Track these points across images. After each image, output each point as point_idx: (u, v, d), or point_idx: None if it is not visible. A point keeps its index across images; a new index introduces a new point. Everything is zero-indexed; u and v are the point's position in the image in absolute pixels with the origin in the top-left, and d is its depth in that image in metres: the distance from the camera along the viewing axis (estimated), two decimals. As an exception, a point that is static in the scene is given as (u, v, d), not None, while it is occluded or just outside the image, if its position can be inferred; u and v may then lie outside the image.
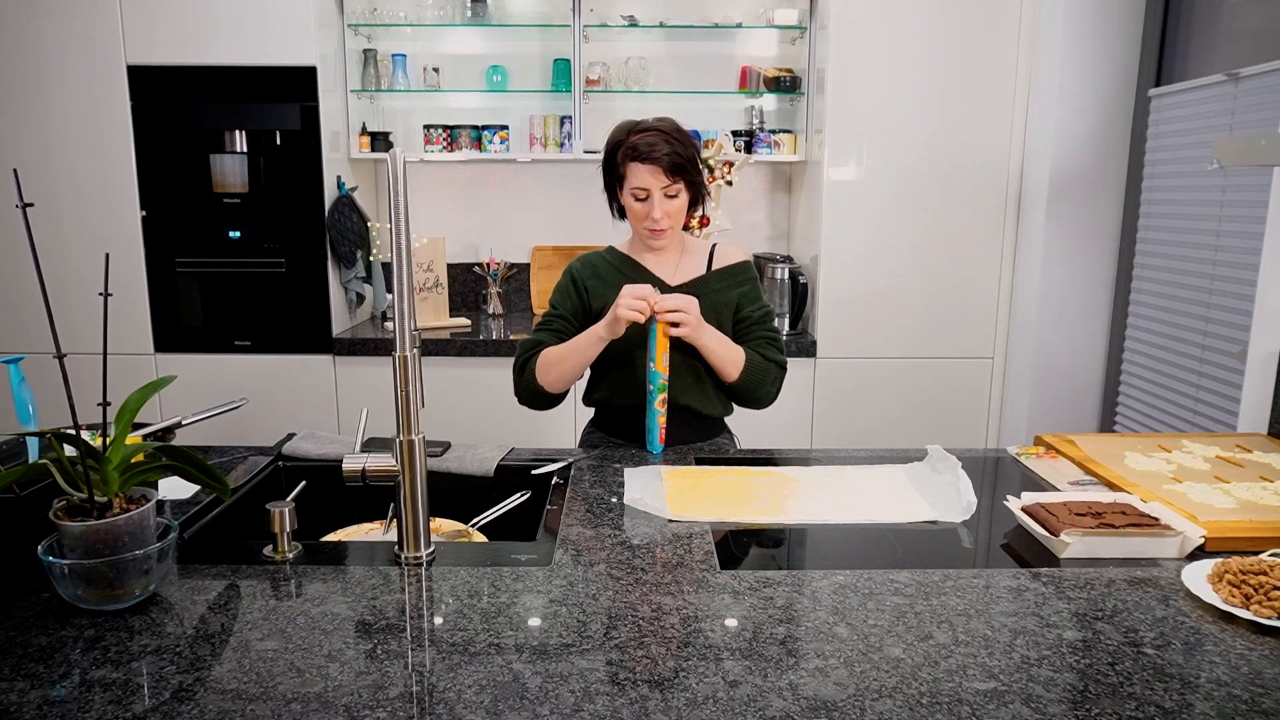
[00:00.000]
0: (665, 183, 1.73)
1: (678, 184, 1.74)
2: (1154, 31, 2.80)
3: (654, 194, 1.74)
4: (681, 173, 1.73)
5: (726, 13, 3.33)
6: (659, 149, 1.70)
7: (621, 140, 1.76)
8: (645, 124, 1.76)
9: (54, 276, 2.98)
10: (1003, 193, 3.03)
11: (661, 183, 1.72)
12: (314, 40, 2.93)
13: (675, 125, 1.77)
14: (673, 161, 1.71)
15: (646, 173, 1.72)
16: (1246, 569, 1.13)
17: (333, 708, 0.89)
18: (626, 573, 1.21)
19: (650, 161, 1.71)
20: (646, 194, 1.74)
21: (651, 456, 1.72)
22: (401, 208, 1.17)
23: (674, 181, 1.73)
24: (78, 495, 1.08)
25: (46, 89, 2.92)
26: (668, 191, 1.74)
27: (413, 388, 1.21)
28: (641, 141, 1.71)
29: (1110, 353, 3.03)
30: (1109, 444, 1.74)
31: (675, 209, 1.77)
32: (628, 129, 1.76)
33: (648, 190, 1.74)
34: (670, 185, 1.73)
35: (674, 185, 1.74)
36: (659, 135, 1.72)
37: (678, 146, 1.72)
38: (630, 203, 1.77)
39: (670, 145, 1.71)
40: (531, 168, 3.56)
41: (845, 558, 1.30)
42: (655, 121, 1.76)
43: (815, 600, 1.14)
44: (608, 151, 1.79)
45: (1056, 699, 0.91)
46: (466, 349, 3.02)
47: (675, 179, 1.73)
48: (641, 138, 1.72)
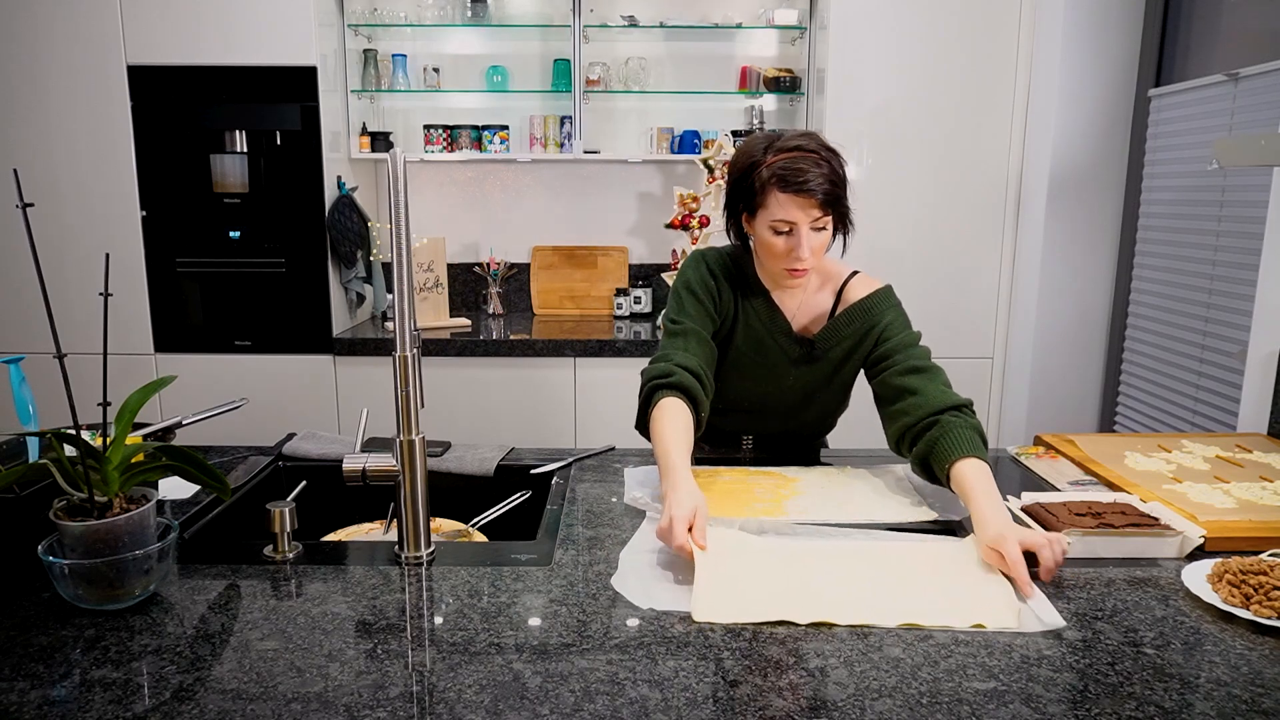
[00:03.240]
0: (816, 216, 1.45)
1: (828, 216, 1.46)
2: (1154, 31, 2.80)
3: (800, 228, 1.45)
4: (836, 204, 1.46)
5: (726, 13, 3.33)
6: (812, 178, 1.42)
7: (759, 160, 1.47)
8: (788, 140, 1.46)
9: (54, 276, 2.98)
10: (1003, 193, 3.03)
11: (812, 216, 1.45)
12: (314, 40, 2.93)
13: (822, 142, 1.47)
14: (827, 192, 1.43)
15: (794, 205, 1.43)
16: (1246, 569, 1.13)
17: (333, 708, 0.89)
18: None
19: (804, 193, 1.42)
20: (791, 228, 1.46)
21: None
22: (401, 208, 1.17)
23: (826, 214, 1.45)
24: (78, 495, 1.08)
25: (46, 89, 2.92)
26: (815, 225, 1.46)
27: (413, 388, 1.21)
28: (789, 166, 1.43)
29: (1110, 353, 3.03)
30: (1109, 444, 1.74)
31: (820, 245, 1.49)
32: (764, 145, 1.48)
33: (793, 224, 1.46)
34: (821, 218, 1.46)
35: (824, 218, 1.46)
36: (809, 158, 1.43)
37: (830, 172, 1.44)
38: (768, 236, 1.48)
39: (821, 169, 1.43)
40: (531, 168, 3.56)
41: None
42: (799, 138, 1.46)
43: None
44: (742, 170, 1.51)
45: (1056, 699, 0.92)
46: (466, 349, 3.02)
47: (828, 211, 1.45)
48: (789, 160, 1.43)
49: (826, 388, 1.68)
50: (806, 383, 1.67)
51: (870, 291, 1.61)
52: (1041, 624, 1.06)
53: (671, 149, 3.36)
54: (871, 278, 1.66)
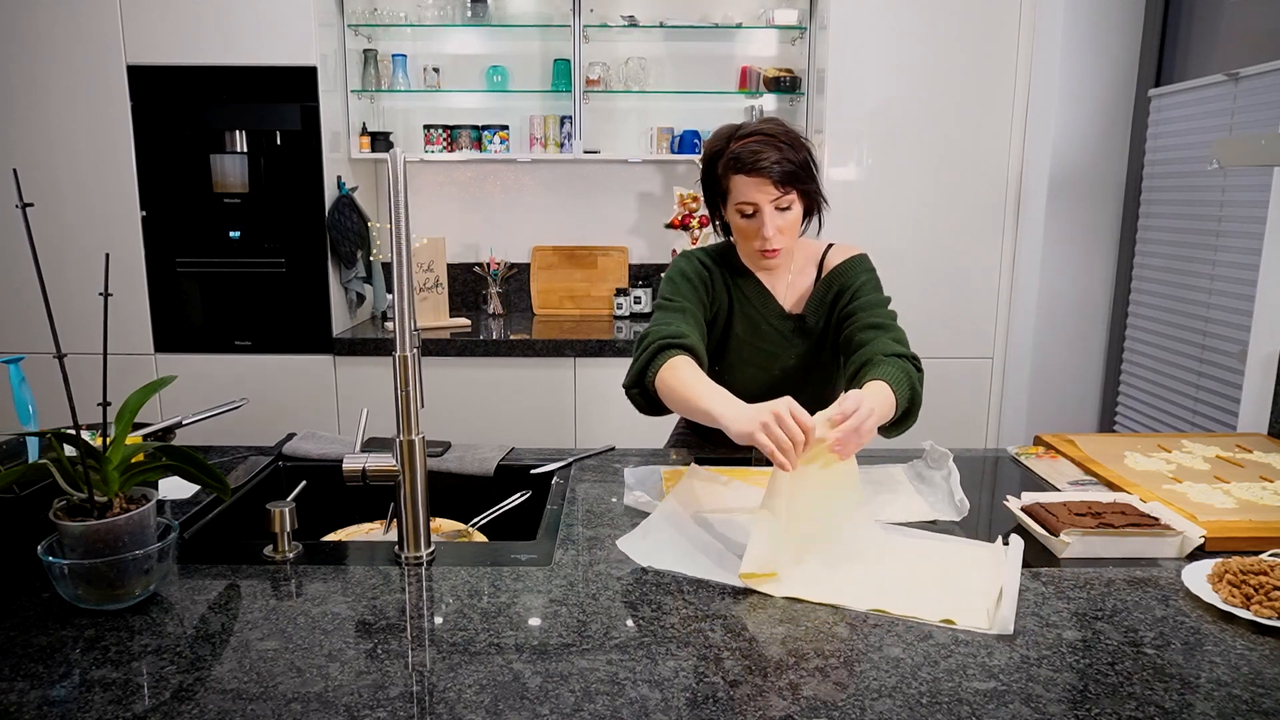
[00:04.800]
0: (775, 195, 1.53)
1: (790, 195, 1.54)
2: (1154, 31, 2.80)
3: (763, 209, 1.54)
4: (794, 181, 1.53)
5: (726, 13, 3.33)
6: (765, 157, 1.50)
7: (721, 149, 1.57)
8: (747, 128, 1.56)
9: (54, 276, 2.98)
10: (1003, 193, 3.03)
11: (771, 195, 1.52)
12: (314, 40, 2.93)
13: (782, 126, 1.56)
14: (783, 170, 1.51)
15: (752, 186, 1.52)
16: (1246, 569, 1.13)
17: (333, 708, 0.89)
18: (626, 573, 1.21)
19: (756, 173, 1.51)
20: (755, 209, 1.55)
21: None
22: (401, 208, 1.17)
23: (785, 193, 1.53)
24: (78, 495, 1.08)
25: (46, 89, 2.92)
26: (779, 204, 1.54)
27: (413, 388, 1.21)
28: (744, 150, 1.52)
29: (1110, 352, 3.03)
30: (1109, 444, 1.74)
31: (789, 223, 1.56)
32: (727, 135, 1.57)
33: (755, 205, 1.54)
34: (781, 197, 1.53)
35: (785, 197, 1.54)
36: (764, 140, 1.52)
37: (787, 151, 1.52)
38: (737, 220, 1.58)
39: (779, 151, 1.51)
40: (531, 168, 3.56)
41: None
42: (759, 124, 1.56)
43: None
44: (706, 162, 1.61)
45: (1056, 699, 0.92)
46: (466, 349, 3.02)
47: (786, 189, 1.53)
48: (744, 145, 1.53)
49: (819, 359, 1.73)
50: (804, 357, 1.72)
51: (846, 258, 1.69)
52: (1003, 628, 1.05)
53: (671, 149, 3.36)
54: (847, 245, 1.73)
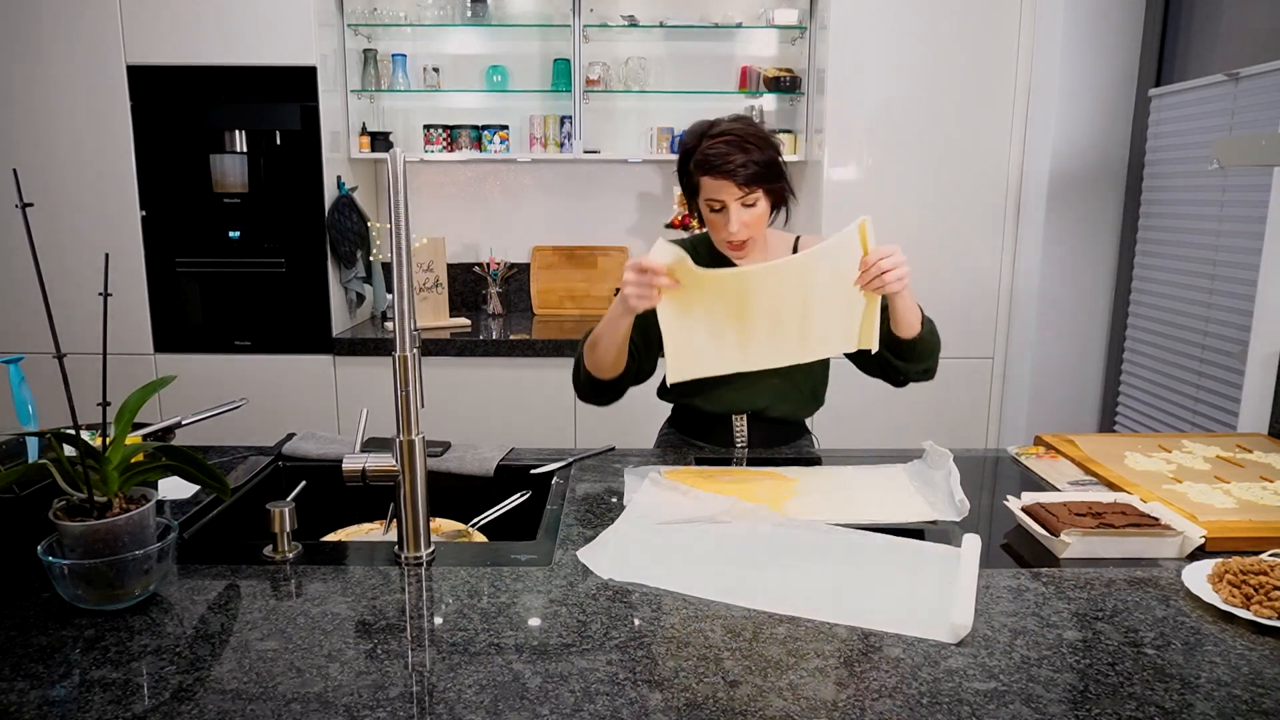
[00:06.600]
0: (740, 194, 1.60)
1: (755, 193, 1.61)
2: (1154, 31, 2.80)
3: (730, 206, 1.61)
4: (759, 181, 1.60)
5: (726, 13, 3.33)
6: (731, 160, 1.56)
7: (693, 147, 1.63)
8: (719, 127, 1.61)
9: (54, 276, 2.98)
10: (1003, 193, 3.03)
11: (736, 194, 1.60)
12: (314, 40, 2.93)
13: (751, 128, 1.62)
14: (748, 173, 1.58)
15: (719, 187, 1.59)
16: (1247, 569, 1.13)
17: (333, 708, 0.89)
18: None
19: (722, 175, 1.58)
20: (722, 205, 1.62)
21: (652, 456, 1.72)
22: (401, 208, 1.17)
23: (749, 192, 1.60)
24: (78, 495, 1.08)
25: (47, 89, 2.92)
26: (745, 201, 1.61)
27: (413, 388, 1.21)
28: (713, 152, 1.58)
29: (1110, 352, 3.03)
30: (1109, 444, 1.74)
31: (754, 219, 1.63)
32: (700, 132, 1.63)
33: (722, 202, 1.61)
34: (746, 196, 1.60)
35: (750, 195, 1.60)
36: (731, 143, 1.57)
37: (754, 153, 1.58)
38: (707, 213, 1.66)
39: (744, 154, 1.57)
40: (531, 168, 3.56)
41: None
42: (729, 123, 1.62)
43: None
44: (680, 158, 1.68)
45: (1056, 699, 0.91)
46: (466, 349, 3.02)
47: (751, 189, 1.60)
48: (713, 145, 1.58)
49: None
50: None
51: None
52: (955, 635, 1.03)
53: (671, 149, 3.36)
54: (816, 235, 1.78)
